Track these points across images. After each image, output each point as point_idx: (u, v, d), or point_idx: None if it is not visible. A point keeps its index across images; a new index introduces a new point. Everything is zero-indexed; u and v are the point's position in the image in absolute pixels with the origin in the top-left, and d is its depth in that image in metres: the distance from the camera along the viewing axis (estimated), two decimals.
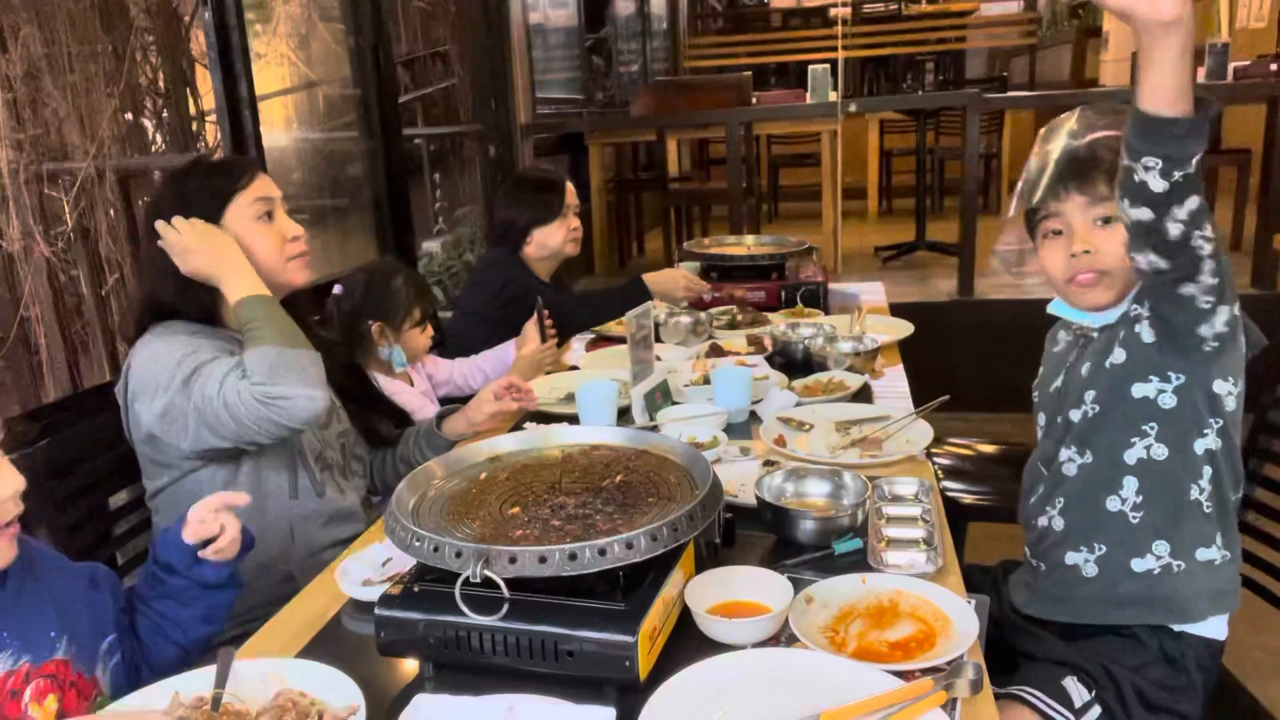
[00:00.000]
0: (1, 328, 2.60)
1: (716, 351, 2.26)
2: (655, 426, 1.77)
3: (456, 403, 1.96)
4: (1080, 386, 1.42)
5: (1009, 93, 7.04)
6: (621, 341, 2.46)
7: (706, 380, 2.00)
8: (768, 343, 2.27)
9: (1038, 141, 1.45)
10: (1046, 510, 1.49)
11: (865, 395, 1.98)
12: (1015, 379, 1.75)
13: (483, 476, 1.23)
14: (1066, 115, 1.43)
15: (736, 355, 2.22)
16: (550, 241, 2.74)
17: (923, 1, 8.86)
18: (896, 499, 1.41)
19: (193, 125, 2.94)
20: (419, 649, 1.04)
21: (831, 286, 2.79)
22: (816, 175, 5.89)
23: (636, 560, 0.99)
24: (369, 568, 1.32)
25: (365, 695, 0.98)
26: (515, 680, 0.99)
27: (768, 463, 1.59)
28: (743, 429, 1.83)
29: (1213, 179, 5.32)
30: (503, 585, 0.96)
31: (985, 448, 2.58)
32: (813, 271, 2.78)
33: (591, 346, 2.58)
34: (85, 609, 1.17)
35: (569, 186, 2.80)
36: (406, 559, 1.25)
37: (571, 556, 0.97)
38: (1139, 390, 1.36)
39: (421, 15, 4.84)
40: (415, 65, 4.97)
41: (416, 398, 2.23)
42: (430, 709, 0.94)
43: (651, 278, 2.68)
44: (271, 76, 3.24)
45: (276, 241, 1.65)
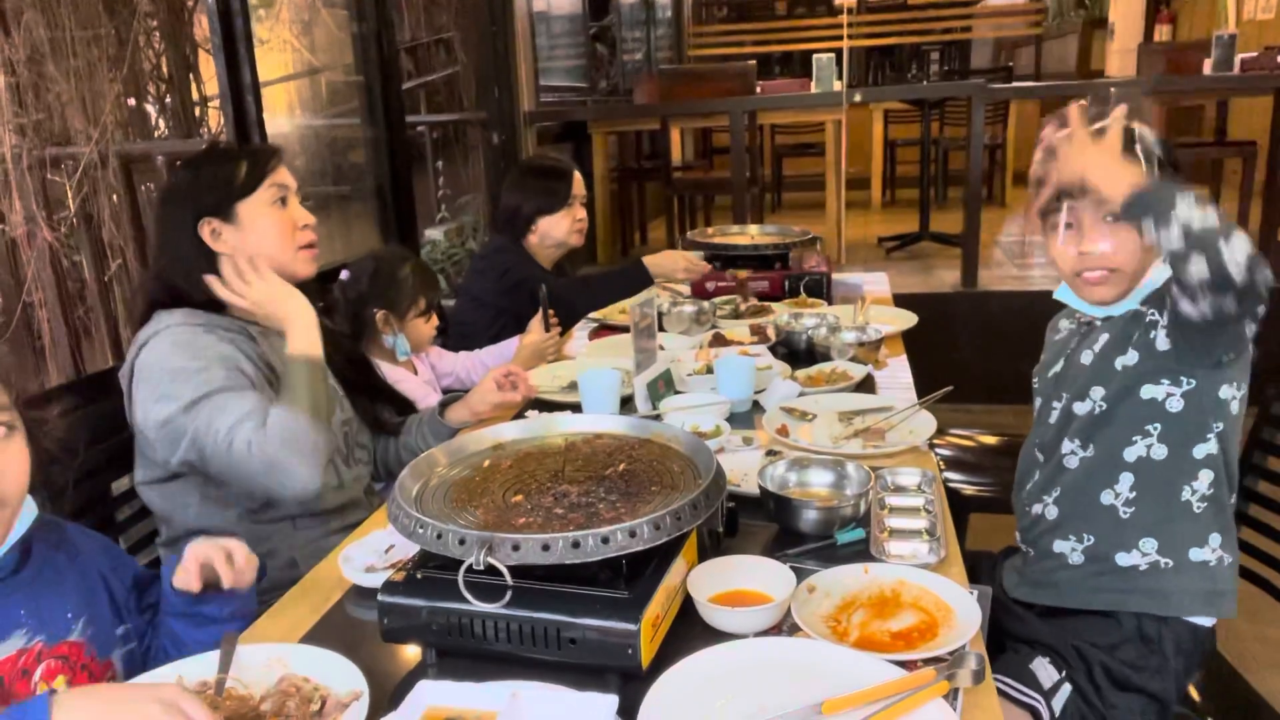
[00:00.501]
0: (4, 313, 2.60)
1: (719, 341, 2.26)
2: (658, 415, 1.77)
3: (459, 393, 1.96)
4: (1084, 379, 1.42)
5: (1014, 83, 7.02)
6: (625, 330, 2.46)
7: (709, 370, 2.00)
8: (771, 332, 2.27)
9: (1044, 128, 1.44)
10: (1042, 498, 1.50)
11: (868, 386, 1.98)
12: (1017, 370, 1.75)
13: (486, 464, 1.23)
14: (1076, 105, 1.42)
15: (739, 345, 2.22)
16: (554, 232, 2.74)
17: None
18: (899, 489, 1.41)
19: (196, 111, 2.93)
20: (422, 635, 1.05)
21: (835, 277, 2.78)
22: (820, 165, 5.86)
23: (639, 548, 0.99)
24: (372, 554, 1.32)
25: (368, 681, 0.98)
26: (518, 667, 1.00)
27: (770, 452, 1.58)
28: (745, 418, 1.83)
29: (1218, 171, 5.30)
30: (505, 572, 0.96)
31: (987, 439, 2.57)
32: (816, 261, 2.77)
33: (594, 335, 2.58)
34: (108, 593, 1.17)
35: (577, 176, 2.79)
36: (409, 546, 1.25)
37: (574, 544, 0.97)
38: (1148, 392, 1.36)
39: (425, 1, 4.82)
40: (418, 52, 4.95)
41: (419, 386, 2.23)
42: (433, 695, 0.94)
43: (652, 259, 2.67)
44: (274, 62, 3.23)
45: (289, 228, 1.66)
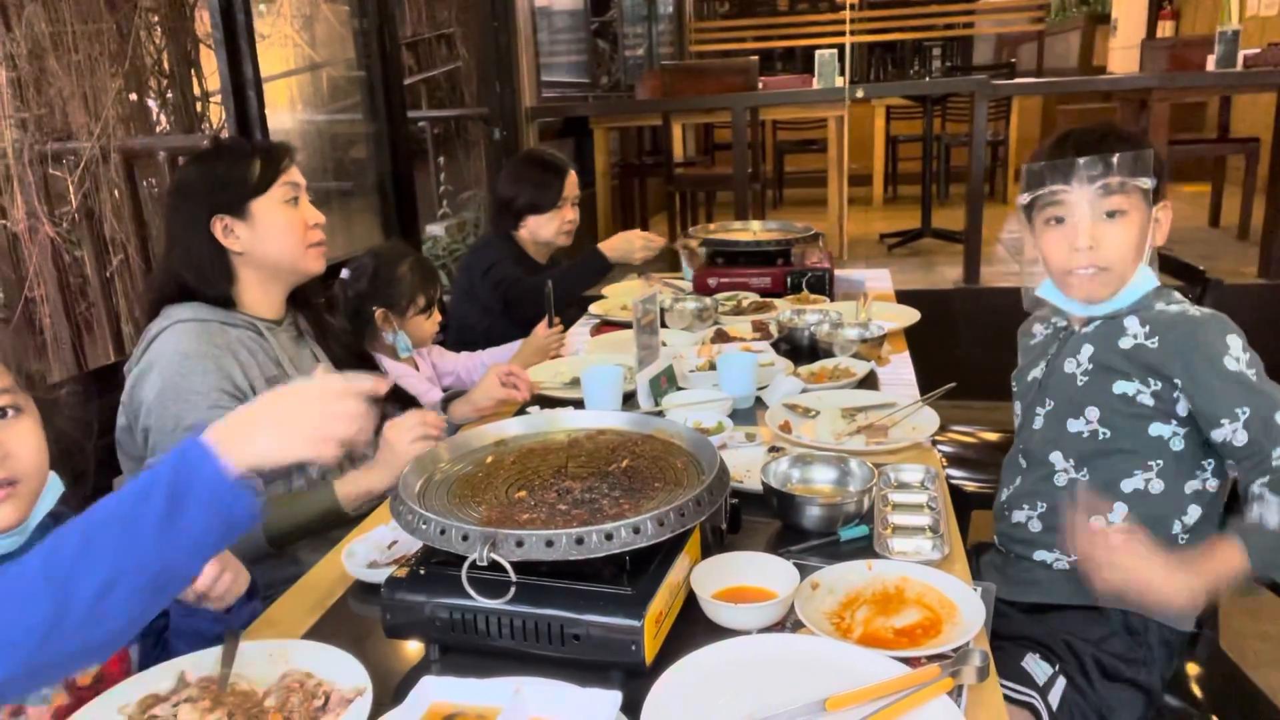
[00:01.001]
0: (6, 308, 2.59)
1: (722, 337, 2.26)
2: (660, 412, 1.76)
3: (461, 390, 1.97)
4: (1075, 393, 1.41)
5: (1017, 79, 7.00)
6: (627, 326, 2.46)
7: (712, 366, 2.00)
8: (773, 329, 2.27)
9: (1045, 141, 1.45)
10: (1024, 507, 1.50)
11: (871, 382, 1.98)
12: None
13: (489, 460, 1.23)
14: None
15: (742, 341, 2.22)
16: (542, 232, 2.75)
17: None
18: (902, 486, 1.41)
19: (197, 106, 2.93)
20: (425, 631, 1.04)
21: (837, 273, 2.78)
22: (822, 161, 5.85)
23: (643, 545, 0.99)
24: (375, 550, 1.32)
25: (371, 677, 0.98)
26: (521, 663, 1.00)
27: (773, 449, 1.58)
28: (748, 415, 1.83)
29: (1221, 168, 5.29)
30: (509, 568, 0.96)
31: (989, 436, 2.57)
32: (819, 258, 2.77)
33: (597, 331, 2.58)
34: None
35: (571, 176, 2.78)
36: (412, 542, 1.25)
37: (578, 540, 0.97)
38: (1156, 430, 1.37)
39: None
40: (420, 47, 4.95)
41: (421, 382, 2.23)
42: (436, 691, 0.94)
43: (608, 244, 2.69)
44: (276, 58, 3.23)
45: (300, 225, 1.67)
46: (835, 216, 5.09)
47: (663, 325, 2.26)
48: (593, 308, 2.75)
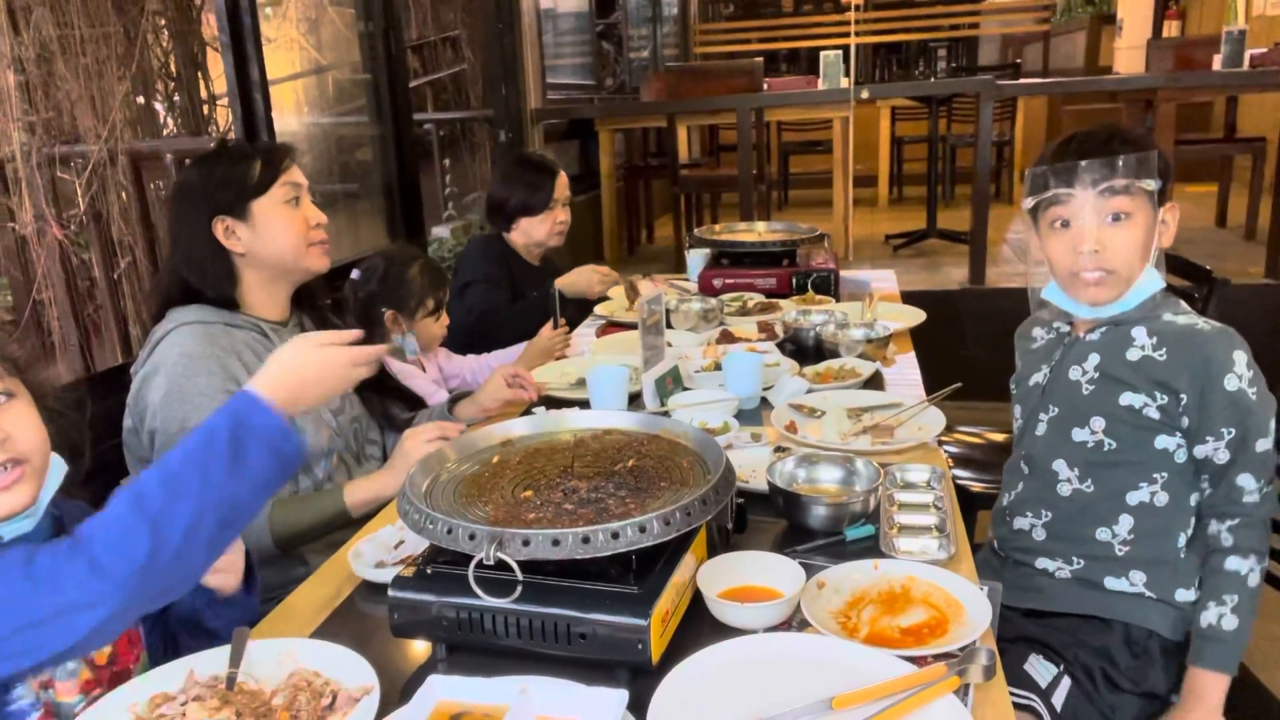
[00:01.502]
0: (15, 310, 2.61)
1: (727, 338, 2.26)
2: (666, 412, 1.77)
3: (468, 390, 1.97)
4: (1081, 402, 1.40)
5: (1022, 80, 7.00)
6: (632, 327, 2.46)
7: (717, 366, 2.00)
8: (779, 329, 2.27)
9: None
10: (1027, 515, 1.49)
11: (877, 382, 1.98)
12: None
13: (495, 460, 1.23)
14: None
15: (747, 342, 2.22)
16: (534, 233, 2.78)
17: None
18: (908, 486, 1.41)
19: (204, 109, 2.94)
20: (432, 631, 1.05)
21: (842, 274, 2.78)
22: (827, 162, 5.86)
23: (649, 544, 0.99)
24: (382, 550, 1.32)
25: (379, 676, 0.98)
26: (528, 662, 1.00)
27: (779, 449, 1.58)
28: (754, 415, 1.83)
29: (1228, 168, 5.28)
30: (516, 568, 0.96)
31: (995, 436, 2.57)
32: (824, 258, 2.77)
33: (602, 332, 2.58)
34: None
35: (562, 178, 2.79)
36: (419, 541, 1.26)
37: (584, 540, 0.97)
38: (1162, 442, 1.36)
39: (432, 0, 4.83)
40: (425, 50, 4.96)
41: (428, 383, 2.24)
42: (443, 690, 0.94)
43: (564, 280, 2.70)
44: (282, 61, 3.24)
45: (301, 226, 1.67)
46: (840, 217, 5.09)
47: (668, 326, 2.27)
48: (598, 309, 2.76)
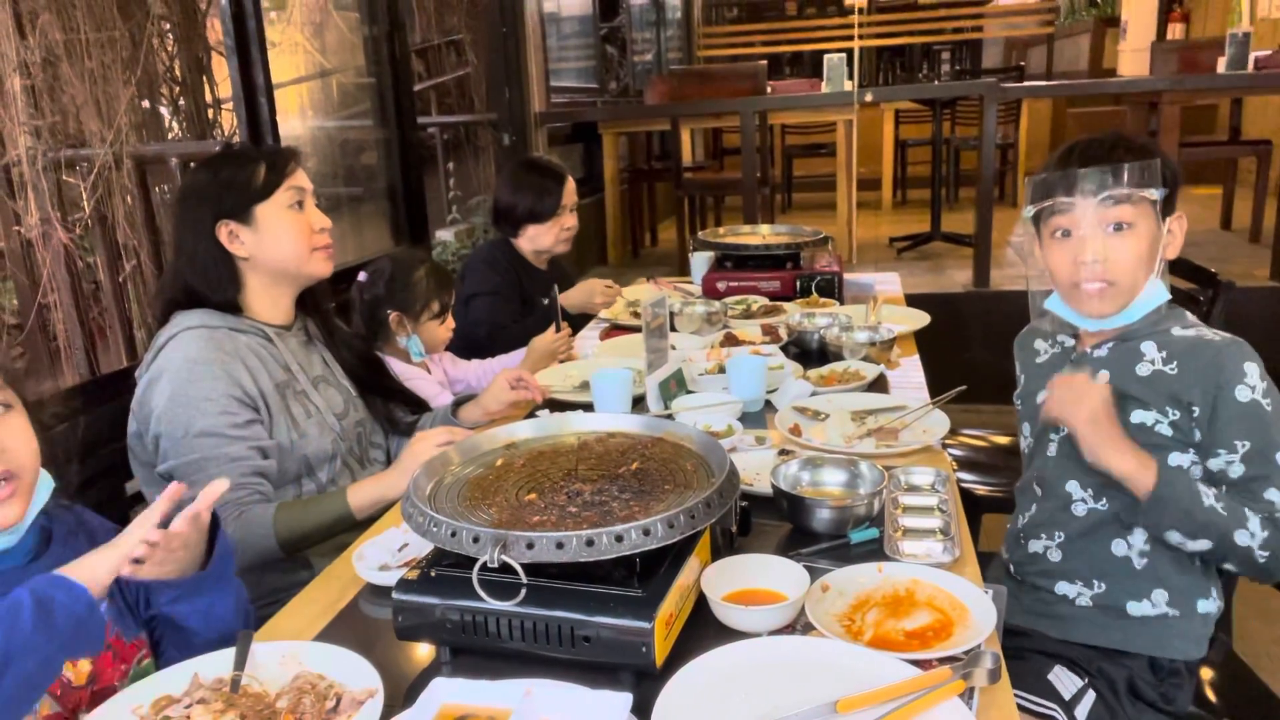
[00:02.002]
0: (20, 314, 2.61)
1: (731, 341, 2.26)
2: (670, 415, 1.77)
3: (472, 393, 1.97)
4: None
5: (1026, 82, 6.99)
6: (636, 330, 2.46)
7: (721, 369, 2.00)
8: (783, 332, 2.27)
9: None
10: (1041, 536, 1.47)
11: (881, 385, 1.97)
12: None
13: (499, 463, 1.23)
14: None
15: (751, 344, 2.22)
16: (541, 240, 2.77)
17: None
18: (913, 489, 1.40)
19: (209, 113, 2.95)
20: (436, 633, 1.05)
21: (846, 277, 2.78)
22: (831, 165, 5.86)
23: (653, 547, 0.99)
24: (385, 553, 1.32)
25: (383, 679, 0.98)
26: (532, 665, 1.00)
27: (783, 452, 1.58)
28: (757, 418, 1.83)
29: (1233, 170, 5.27)
30: (520, 570, 0.96)
31: (1000, 439, 2.56)
32: (828, 261, 2.77)
33: (606, 335, 2.58)
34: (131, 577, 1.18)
35: (570, 184, 2.79)
36: (423, 544, 1.26)
37: (589, 542, 0.97)
38: (1175, 459, 1.34)
39: (436, 3, 4.84)
40: (430, 54, 4.96)
41: (432, 385, 2.24)
42: (447, 693, 0.94)
43: (567, 296, 2.70)
44: (287, 65, 3.25)
45: (305, 230, 1.67)
46: (844, 220, 5.09)
47: (672, 329, 2.27)
48: (602, 312, 2.76)
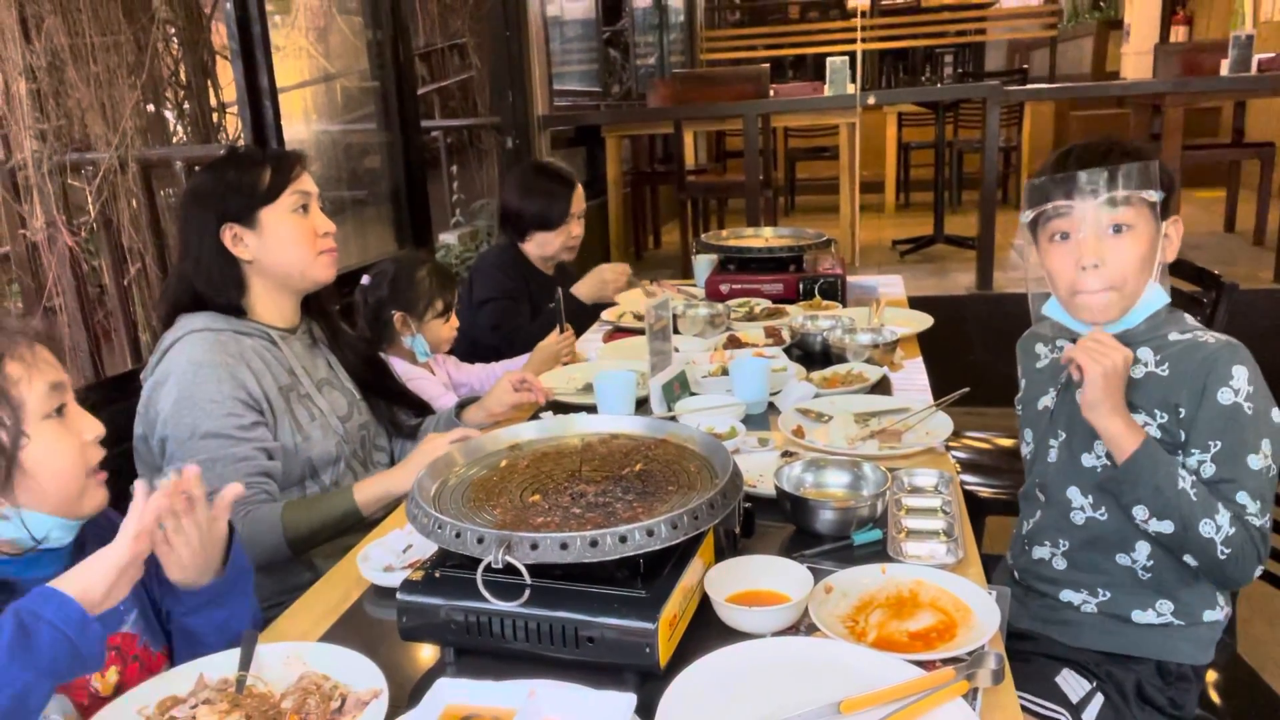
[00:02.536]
0: (26, 317, 2.61)
1: (734, 343, 2.26)
2: (673, 417, 1.77)
3: (475, 396, 1.98)
4: (1086, 425, 1.34)
5: (1029, 85, 6.99)
6: (639, 333, 2.46)
7: (724, 371, 2.00)
8: (786, 335, 2.27)
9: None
10: (1045, 543, 1.47)
11: (884, 387, 1.97)
12: None
13: (503, 464, 1.24)
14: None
15: (754, 347, 2.22)
16: (548, 248, 2.78)
17: None
18: (916, 490, 1.41)
19: (214, 116, 2.96)
20: (440, 634, 1.05)
21: (849, 279, 2.78)
22: (834, 168, 5.86)
23: (657, 548, 0.99)
24: (390, 554, 1.33)
25: (387, 679, 0.99)
26: (536, 666, 1.00)
27: (786, 453, 1.58)
28: (761, 420, 1.83)
29: (1236, 173, 5.26)
30: (524, 571, 0.96)
31: (1003, 442, 2.56)
32: (831, 264, 2.77)
33: (609, 337, 2.58)
34: (146, 587, 1.18)
35: (579, 191, 2.79)
36: (427, 545, 1.26)
37: (593, 543, 0.97)
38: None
39: (440, 7, 4.85)
40: (433, 57, 4.97)
41: (436, 385, 2.25)
42: (451, 693, 0.94)
43: (579, 287, 2.70)
44: (291, 69, 3.25)
45: (309, 234, 1.67)
46: (847, 223, 5.09)
47: (675, 331, 2.27)
48: (605, 314, 2.76)
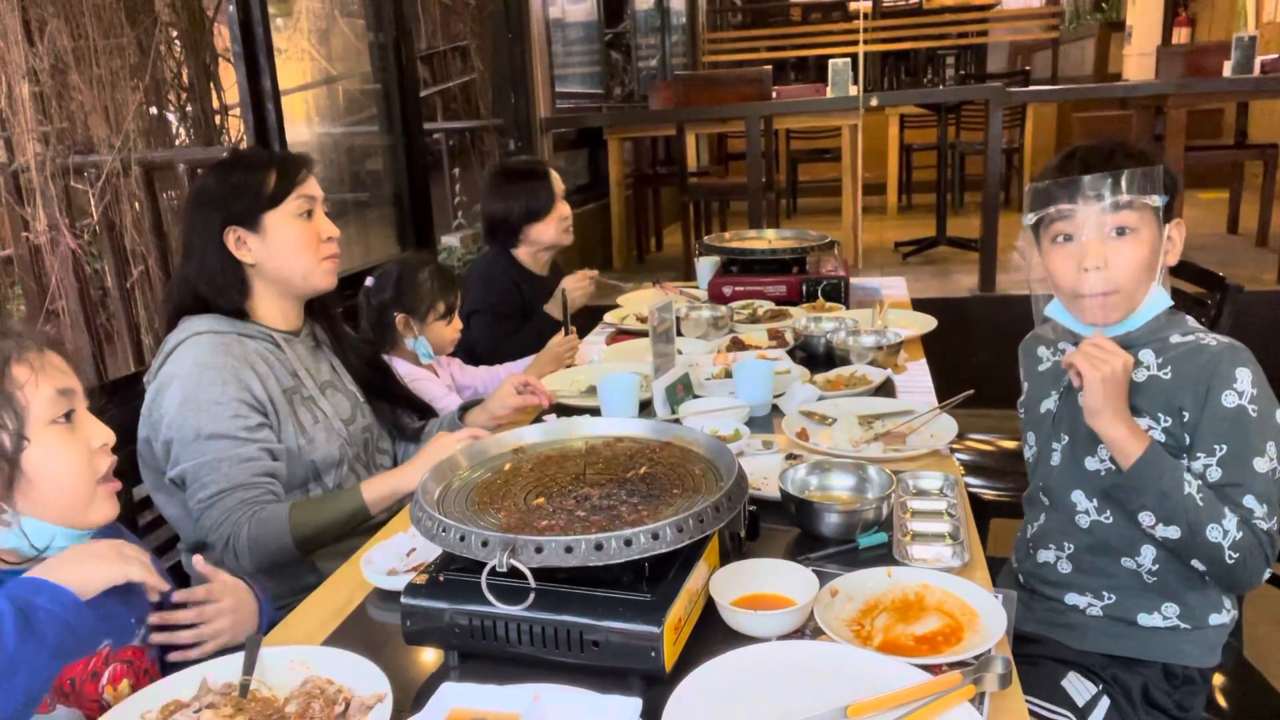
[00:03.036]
0: (29, 320, 2.62)
1: (738, 345, 2.26)
2: (677, 420, 1.76)
3: (479, 399, 1.97)
4: (1089, 429, 1.34)
5: (1031, 87, 6.98)
6: (642, 335, 2.46)
7: (728, 374, 2.00)
8: (789, 337, 2.26)
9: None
10: (1050, 547, 1.47)
11: (888, 389, 1.97)
12: None
13: (507, 467, 1.23)
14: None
15: (757, 349, 2.22)
16: (544, 237, 2.74)
17: None
18: (921, 493, 1.40)
19: (216, 119, 2.96)
20: (444, 638, 1.05)
21: (852, 281, 2.77)
22: (836, 170, 5.85)
23: (662, 551, 0.98)
24: (394, 557, 1.32)
25: (391, 683, 0.98)
26: (540, 670, 0.99)
27: (790, 456, 1.58)
28: (764, 423, 1.83)
29: (1239, 174, 5.25)
30: (528, 574, 0.96)
31: (1007, 444, 2.56)
32: (834, 266, 2.77)
33: (612, 340, 2.58)
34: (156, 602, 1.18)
35: (555, 174, 2.76)
36: (431, 549, 1.26)
37: (597, 546, 0.97)
38: None
39: (442, 10, 4.85)
40: (435, 60, 4.98)
41: (439, 387, 2.25)
42: (456, 697, 0.94)
43: (549, 307, 2.66)
44: (293, 71, 3.26)
45: (312, 240, 1.67)
46: (850, 225, 5.08)
47: (678, 334, 2.27)
48: (608, 316, 2.76)
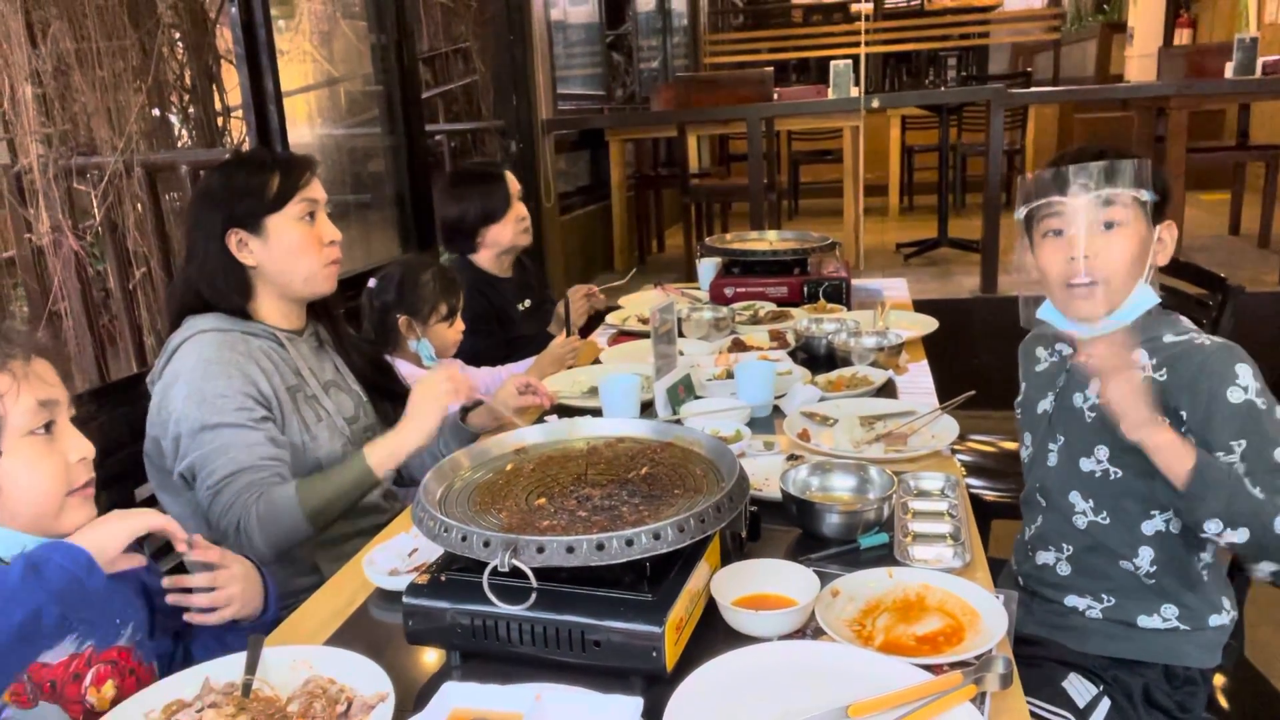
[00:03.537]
0: (31, 321, 2.63)
1: (739, 346, 2.26)
2: (678, 420, 1.77)
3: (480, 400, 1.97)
4: (1086, 431, 1.35)
5: (1033, 88, 6.99)
6: (643, 336, 2.46)
7: (729, 375, 2.00)
8: (791, 338, 2.26)
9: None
10: (1049, 549, 1.47)
11: (889, 390, 1.97)
12: None
13: (509, 468, 1.24)
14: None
15: (759, 350, 2.22)
16: (502, 238, 2.68)
17: None
18: (923, 494, 1.40)
19: (218, 121, 2.97)
20: (446, 638, 1.05)
21: (854, 282, 2.77)
22: (837, 171, 5.85)
23: (663, 551, 0.98)
24: (396, 558, 1.33)
25: (393, 683, 0.99)
26: (542, 670, 1.00)
27: (792, 457, 1.58)
28: (766, 423, 1.83)
29: (1241, 175, 5.25)
30: (530, 574, 0.96)
31: (1008, 445, 2.56)
32: (835, 267, 2.77)
33: (614, 341, 2.58)
34: (148, 599, 1.18)
35: (510, 175, 2.72)
36: (433, 549, 1.26)
37: (599, 547, 0.97)
38: None
39: (443, 12, 4.86)
40: (437, 62, 4.99)
41: None
42: (458, 697, 0.94)
43: (554, 329, 2.62)
44: (295, 73, 3.26)
45: (315, 243, 1.67)
46: (851, 226, 5.08)
47: (679, 335, 2.27)
48: (609, 317, 2.76)
